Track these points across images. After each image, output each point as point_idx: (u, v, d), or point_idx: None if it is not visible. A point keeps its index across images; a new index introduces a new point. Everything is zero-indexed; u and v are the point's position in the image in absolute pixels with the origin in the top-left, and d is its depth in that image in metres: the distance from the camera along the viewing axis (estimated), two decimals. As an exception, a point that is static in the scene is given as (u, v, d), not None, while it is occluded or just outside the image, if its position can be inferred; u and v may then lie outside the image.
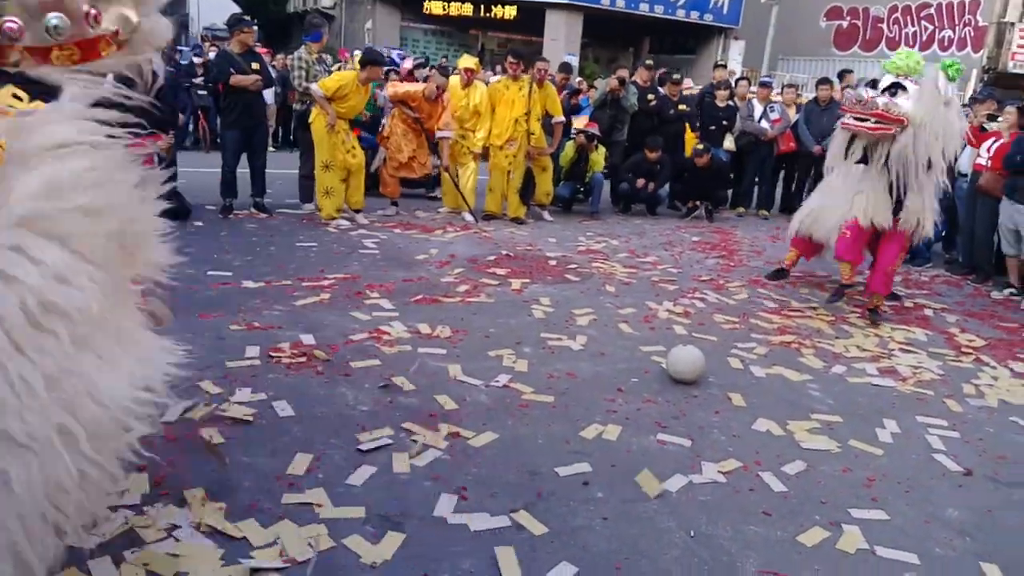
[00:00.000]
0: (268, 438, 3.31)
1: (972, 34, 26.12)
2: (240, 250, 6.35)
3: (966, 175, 7.73)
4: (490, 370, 4.25)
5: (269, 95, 9.32)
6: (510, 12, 21.41)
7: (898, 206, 5.59)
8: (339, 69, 9.10)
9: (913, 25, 28.03)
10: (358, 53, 8.24)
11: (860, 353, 5.12)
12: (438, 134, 8.10)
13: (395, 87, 8.22)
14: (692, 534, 2.89)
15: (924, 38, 27.65)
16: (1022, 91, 22.78)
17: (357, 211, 7.84)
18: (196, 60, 13.19)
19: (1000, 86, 22.68)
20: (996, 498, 3.38)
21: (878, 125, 5.22)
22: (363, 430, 3.44)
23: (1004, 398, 4.54)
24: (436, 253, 6.80)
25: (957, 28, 26.62)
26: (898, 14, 28.42)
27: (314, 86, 7.38)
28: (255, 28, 7.56)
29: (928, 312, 6.29)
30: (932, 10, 27.35)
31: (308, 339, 4.45)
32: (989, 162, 7.05)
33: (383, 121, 8.34)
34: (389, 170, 8.24)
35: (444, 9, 21.90)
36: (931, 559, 2.88)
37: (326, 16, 22.22)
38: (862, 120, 5.30)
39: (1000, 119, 7.26)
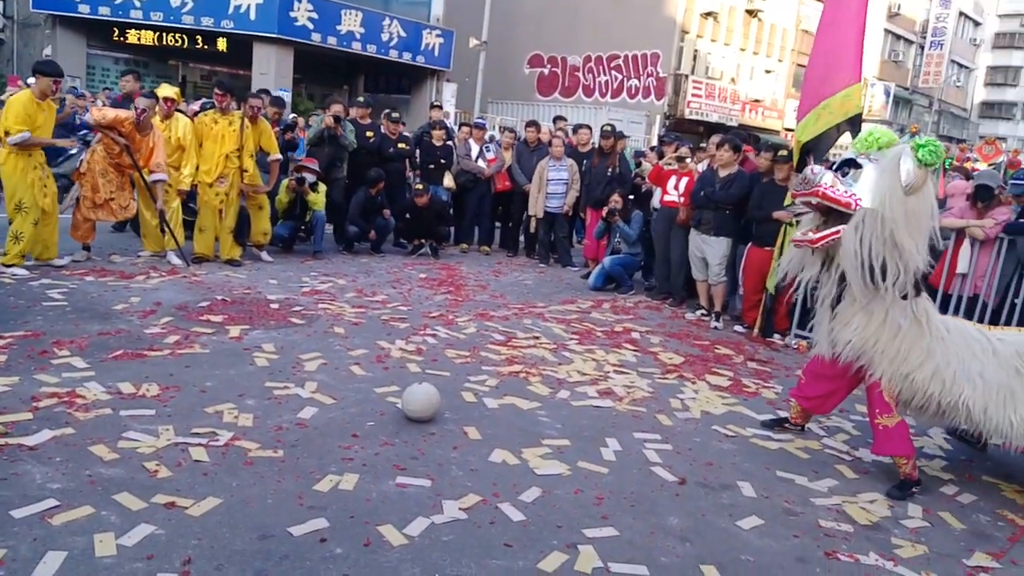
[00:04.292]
0: (-72, 535, 2.74)
1: (655, 84, 29.42)
2: None
3: (657, 209, 8.57)
4: (209, 428, 3.89)
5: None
6: (215, 43, 20.42)
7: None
8: (9, 96, 8.07)
9: (605, 74, 30.99)
10: (32, 81, 7.26)
11: (581, 377, 5.39)
12: (152, 177, 7.40)
13: (103, 111, 7.32)
14: (437, 578, 2.81)
15: (615, 86, 30.68)
16: (697, 135, 25.99)
17: (49, 259, 6.98)
18: None
19: (679, 130, 25.72)
20: (708, 502, 3.67)
21: (821, 235, 3.87)
22: (56, 511, 2.97)
23: (706, 409, 5.01)
24: (138, 302, 6.16)
25: (642, 78, 29.86)
26: (592, 64, 31.28)
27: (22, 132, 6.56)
28: None
29: (635, 335, 6.80)
30: (620, 61, 30.45)
31: (-19, 410, 3.79)
32: (681, 198, 7.84)
33: (81, 156, 7.41)
34: (83, 211, 7.35)
35: (138, 37, 20.31)
36: (659, 568, 3.04)
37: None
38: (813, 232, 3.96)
39: (689, 160, 8.10)
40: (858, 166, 3.83)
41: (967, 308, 6.43)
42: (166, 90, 7.86)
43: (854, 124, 6.25)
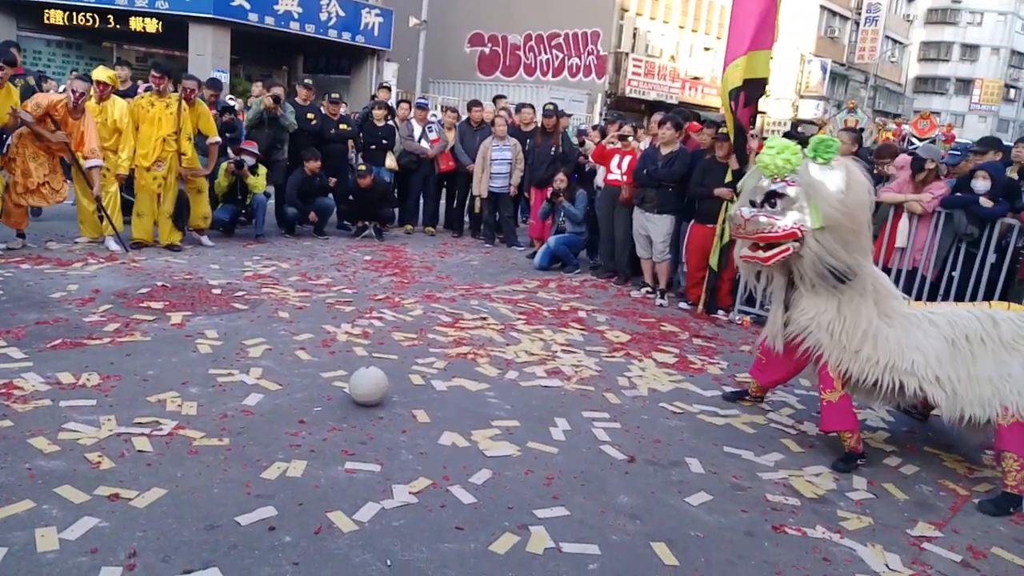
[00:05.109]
0: None
1: (595, 62, 29.46)
2: None
3: (601, 187, 8.61)
4: (152, 417, 3.81)
5: None
6: (149, 24, 19.76)
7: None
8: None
9: (546, 53, 30.90)
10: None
11: (529, 357, 5.41)
12: (87, 163, 7.16)
13: (36, 100, 7.06)
14: (389, 563, 2.81)
15: (556, 65, 30.63)
16: (638, 112, 26.15)
17: None
18: None
19: (620, 108, 25.85)
20: (657, 480, 3.73)
21: (772, 252, 3.95)
22: (-7, 507, 2.89)
23: (652, 386, 5.07)
24: (76, 289, 5.99)
25: (583, 56, 29.85)
26: (532, 42, 31.15)
27: None
28: None
29: (582, 314, 6.84)
30: (561, 39, 30.39)
31: (-91, 406, 3.65)
32: (625, 176, 7.89)
33: (8, 140, 7.15)
34: (13, 197, 7.07)
35: (68, 19, 19.54)
36: (610, 547, 3.08)
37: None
38: (754, 248, 4.04)
39: (631, 138, 8.14)
40: (780, 195, 3.89)
41: (906, 281, 6.60)
42: (101, 73, 7.60)
43: (760, 88, 6.49)
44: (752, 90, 6.51)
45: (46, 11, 19.43)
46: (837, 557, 3.18)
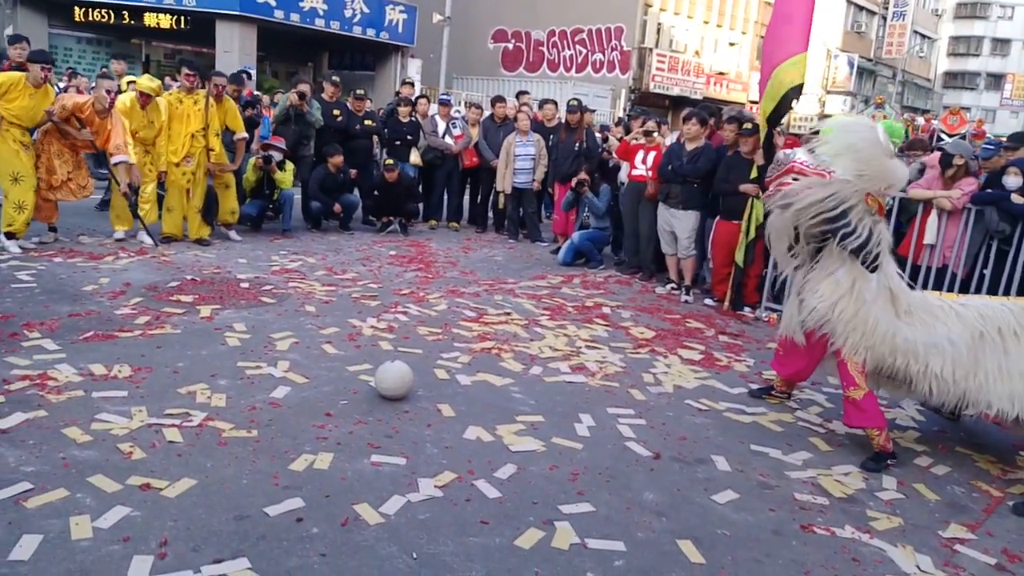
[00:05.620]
0: None
1: (619, 58, 29.29)
2: None
3: (624, 183, 8.58)
4: (182, 409, 3.86)
5: None
6: (163, 20, 19.90)
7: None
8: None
9: (569, 49, 30.78)
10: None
11: (553, 353, 5.41)
12: (113, 160, 7.27)
13: (62, 102, 7.20)
14: (415, 556, 2.82)
15: (579, 61, 30.51)
16: (662, 108, 25.99)
17: (10, 236, 6.89)
18: None
19: (644, 104, 25.69)
20: (683, 477, 3.71)
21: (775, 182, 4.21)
22: (30, 494, 2.94)
23: (678, 383, 5.05)
24: (108, 282, 6.07)
25: (606, 52, 29.69)
26: (556, 38, 31.04)
27: None
28: None
29: (606, 310, 6.83)
30: (584, 35, 30.24)
31: (-53, 395, 3.73)
32: (649, 172, 7.85)
33: (33, 137, 7.30)
34: (41, 193, 7.20)
35: (95, 16, 19.73)
36: (635, 543, 3.07)
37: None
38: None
39: (656, 134, 8.09)
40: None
41: (936, 279, 6.52)
42: (145, 84, 7.68)
43: (796, 94, 6.34)
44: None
45: (76, 8, 19.66)
46: (867, 557, 3.15)
